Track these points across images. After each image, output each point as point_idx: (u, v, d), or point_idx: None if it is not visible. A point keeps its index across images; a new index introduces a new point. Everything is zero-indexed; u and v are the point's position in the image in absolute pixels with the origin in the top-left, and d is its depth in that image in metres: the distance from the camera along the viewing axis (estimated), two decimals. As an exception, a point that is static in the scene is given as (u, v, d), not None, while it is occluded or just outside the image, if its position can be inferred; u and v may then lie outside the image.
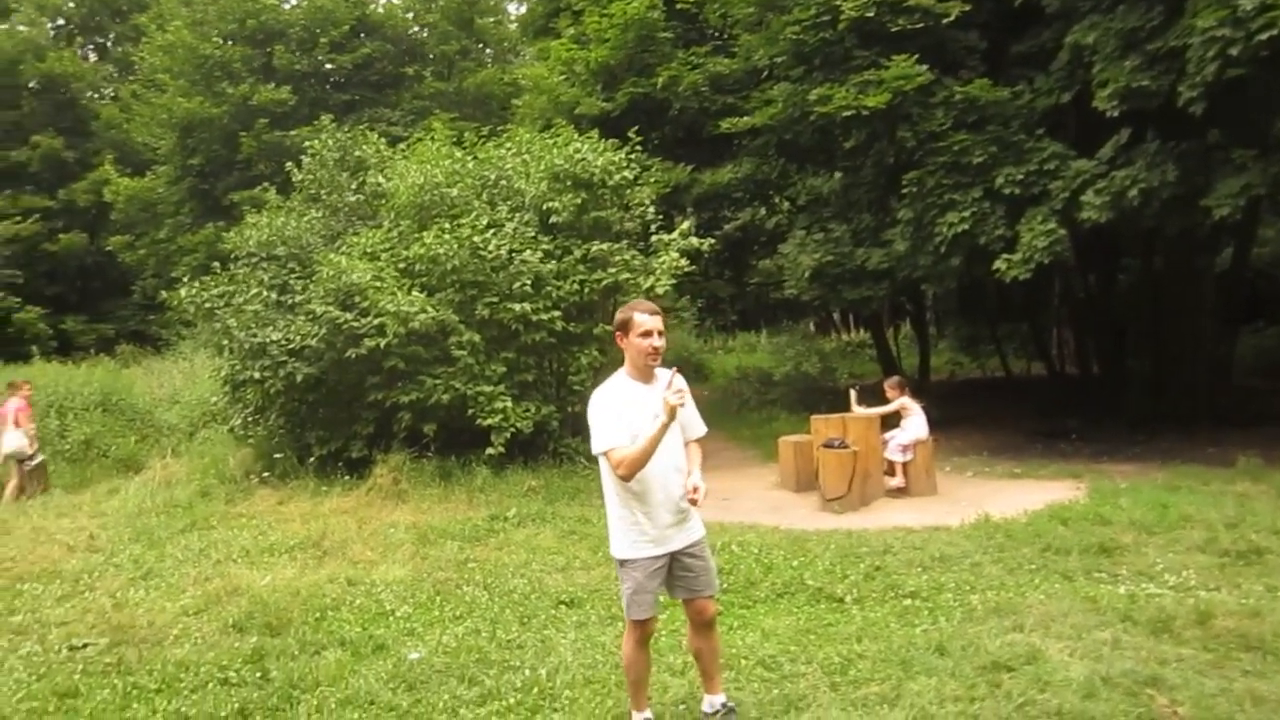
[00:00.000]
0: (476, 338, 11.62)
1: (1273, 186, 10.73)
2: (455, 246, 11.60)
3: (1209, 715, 4.64)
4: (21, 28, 35.53)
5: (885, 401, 11.51)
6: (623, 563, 4.67)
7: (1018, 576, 7.20)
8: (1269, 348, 19.79)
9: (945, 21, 12.53)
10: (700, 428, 4.84)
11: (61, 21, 39.59)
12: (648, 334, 4.51)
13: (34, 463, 13.71)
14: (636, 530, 4.61)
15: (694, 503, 4.57)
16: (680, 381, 4.44)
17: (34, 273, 31.61)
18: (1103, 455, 12.62)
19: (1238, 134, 10.99)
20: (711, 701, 4.91)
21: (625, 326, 4.59)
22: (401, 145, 15.09)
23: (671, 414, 4.33)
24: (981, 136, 12.36)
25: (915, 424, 11.18)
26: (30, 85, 34.32)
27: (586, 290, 12.21)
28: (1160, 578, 6.97)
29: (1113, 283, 17.31)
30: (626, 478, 4.43)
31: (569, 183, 12.45)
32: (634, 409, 4.49)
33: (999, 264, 12.10)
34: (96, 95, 38.14)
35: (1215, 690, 4.91)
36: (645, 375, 4.59)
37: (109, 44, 41.46)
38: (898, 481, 11.04)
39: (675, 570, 4.70)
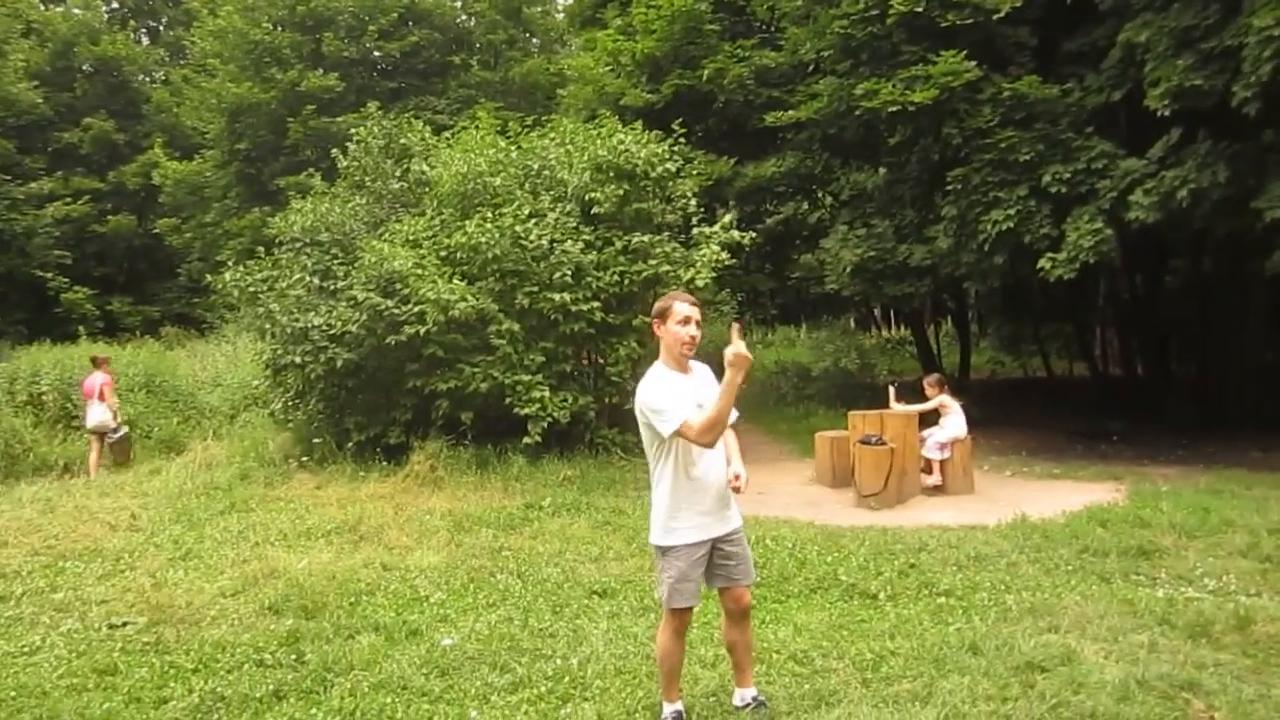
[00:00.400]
0: (516, 327, 11.66)
1: (1326, 189, 10.55)
2: (497, 235, 11.64)
3: (1245, 721, 4.57)
4: (76, 11, 35.95)
5: (924, 399, 11.45)
6: (665, 551, 4.65)
7: (1054, 577, 7.13)
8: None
9: (996, 17, 12.42)
10: (733, 413, 4.74)
11: (115, 5, 40.05)
12: (685, 321, 4.55)
13: (116, 435, 14.02)
14: (684, 516, 4.60)
15: (737, 490, 4.62)
16: (739, 345, 4.22)
17: (83, 254, 32.02)
18: (1144, 458, 12.48)
19: (1292, 136, 10.81)
20: (743, 695, 4.93)
21: (664, 314, 4.61)
22: (446, 134, 15.14)
23: (742, 364, 4.17)
24: (1029, 134, 12.24)
25: (954, 422, 11.11)
26: (83, 68, 34.75)
27: (626, 282, 12.22)
28: (1200, 582, 6.89)
29: (1159, 284, 17.08)
30: (711, 443, 4.42)
31: (612, 174, 12.46)
32: (678, 398, 4.50)
33: (1043, 263, 11.98)
34: (148, 79, 38.56)
35: (1253, 696, 4.85)
36: (681, 365, 4.62)
37: (161, 28, 41.94)
38: (935, 479, 10.98)
39: (714, 559, 4.71)
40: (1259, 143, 10.93)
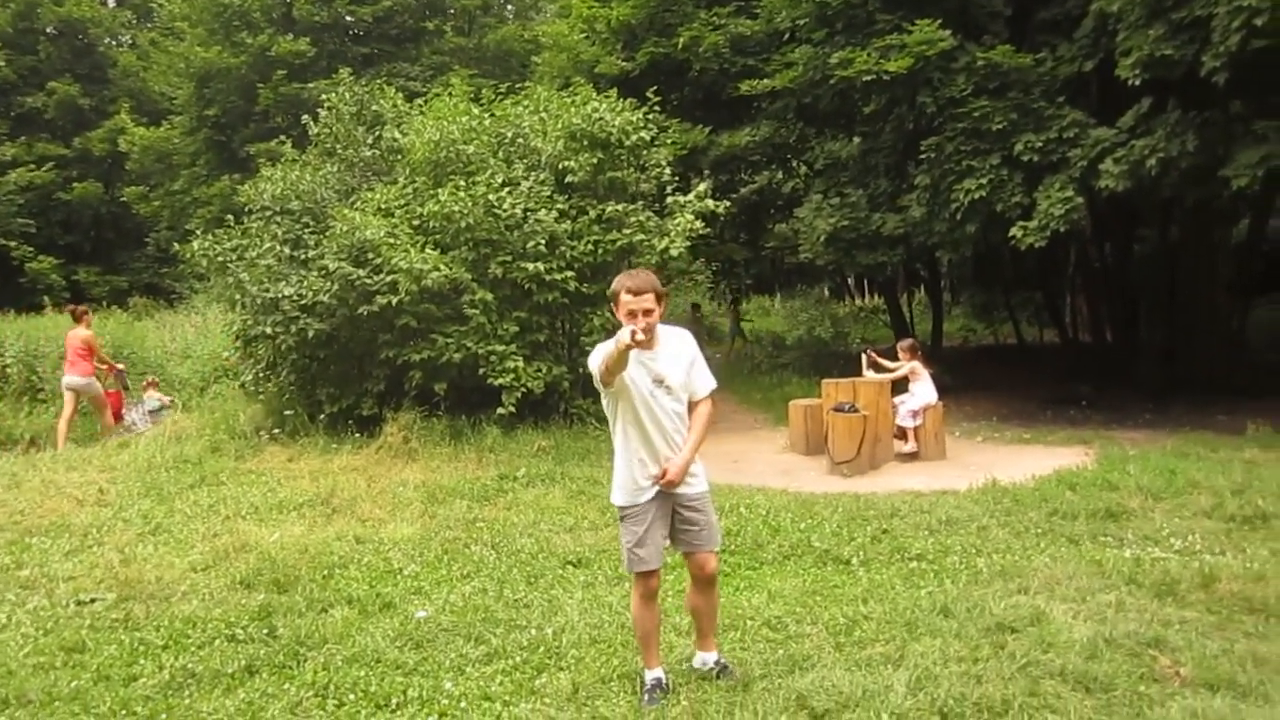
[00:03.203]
0: (489, 297, 11.61)
1: (1293, 157, 10.66)
2: (470, 204, 11.57)
3: (1211, 676, 4.67)
4: (40, -30, 35.36)
5: (896, 360, 11.57)
6: (623, 514, 4.76)
7: (1024, 540, 7.24)
8: (1284, 321, 19.70)
9: (970, -14, 12.43)
10: (705, 386, 4.82)
11: (80, -35, 39.39)
12: (632, 314, 4.50)
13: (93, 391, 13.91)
14: (640, 471, 4.67)
15: (659, 481, 4.65)
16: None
17: (48, 222, 31.66)
18: (1113, 423, 12.62)
19: (1260, 105, 10.88)
20: (704, 658, 4.99)
21: (615, 299, 4.62)
22: (419, 101, 15.02)
23: (630, 340, 4.22)
24: (1002, 103, 12.28)
25: (924, 389, 11.20)
26: (47, 30, 34.16)
27: (600, 251, 12.18)
28: (1166, 542, 7.01)
29: (1128, 252, 17.21)
30: (605, 381, 4.52)
31: (586, 142, 12.39)
32: (632, 368, 4.53)
33: (1015, 231, 12.06)
34: (114, 42, 37.98)
35: (1218, 651, 4.95)
36: (643, 343, 4.46)
37: (128, -10, 41.30)
38: (910, 446, 11.06)
39: (677, 523, 4.78)
40: (1227, 112, 11.03)
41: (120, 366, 14.81)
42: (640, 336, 4.29)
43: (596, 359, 4.53)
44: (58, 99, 32.98)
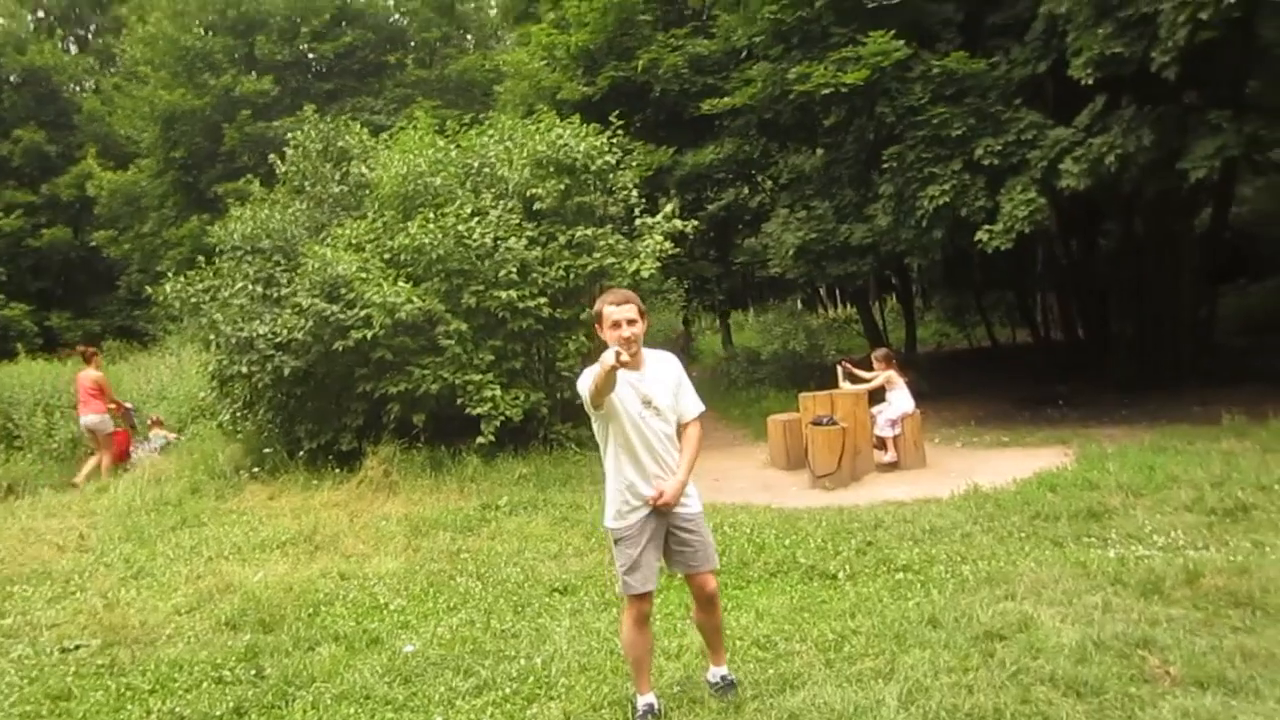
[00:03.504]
0: (464, 326, 11.61)
1: (1248, 146, 10.83)
2: (440, 235, 11.58)
3: (1201, 673, 4.70)
4: (1, 20, 35.19)
5: (870, 369, 11.63)
6: (616, 537, 4.78)
7: (1008, 545, 7.27)
8: (1251, 306, 19.87)
9: (922, -5, 12.57)
10: (694, 408, 4.88)
11: (41, 14, 39.23)
12: (616, 325, 4.57)
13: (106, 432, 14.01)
14: (629, 493, 4.70)
15: (656, 504, 4.67)
16: None
17: (18, 268, 31.53)
18: (1090, 419, 12.72)
19: (1212, 96, 11.06)
20: (714, 672, 5.03)
21: (599, 319, 4.67)
22: (385, 134, 15.04)
23: (615, 360, 4.28)
24: (960, 109, 12.40)
25: (900, 398, 11.26)
26: (10, 79, 34.06)
27: (572, 276, 12.21)
28: (1149, 539, 7.05)
29: (1094, 248, 17.39)
30: (595, 403, 4.55)
31: (552, 169, 12.44)
32: (620, 390, 4.56)
33: (981, 235, 12.18)
34: (78, 88, 37.87)
35: (1206, 648, 4.98)
36: (630, 363, 4.54)
37: (90, 35, 41.21)
38: (890, 456, 11.11)
39: (672, 545, 4.80)
40: (1180, 105, 11.19)
41: (128, 405, 14.85)
42: (625, 357, 4.33)
43: (585, 382, 4.55)
44: (24, 146, 32.88)
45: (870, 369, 11.77)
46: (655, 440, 4.69)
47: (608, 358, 4.26)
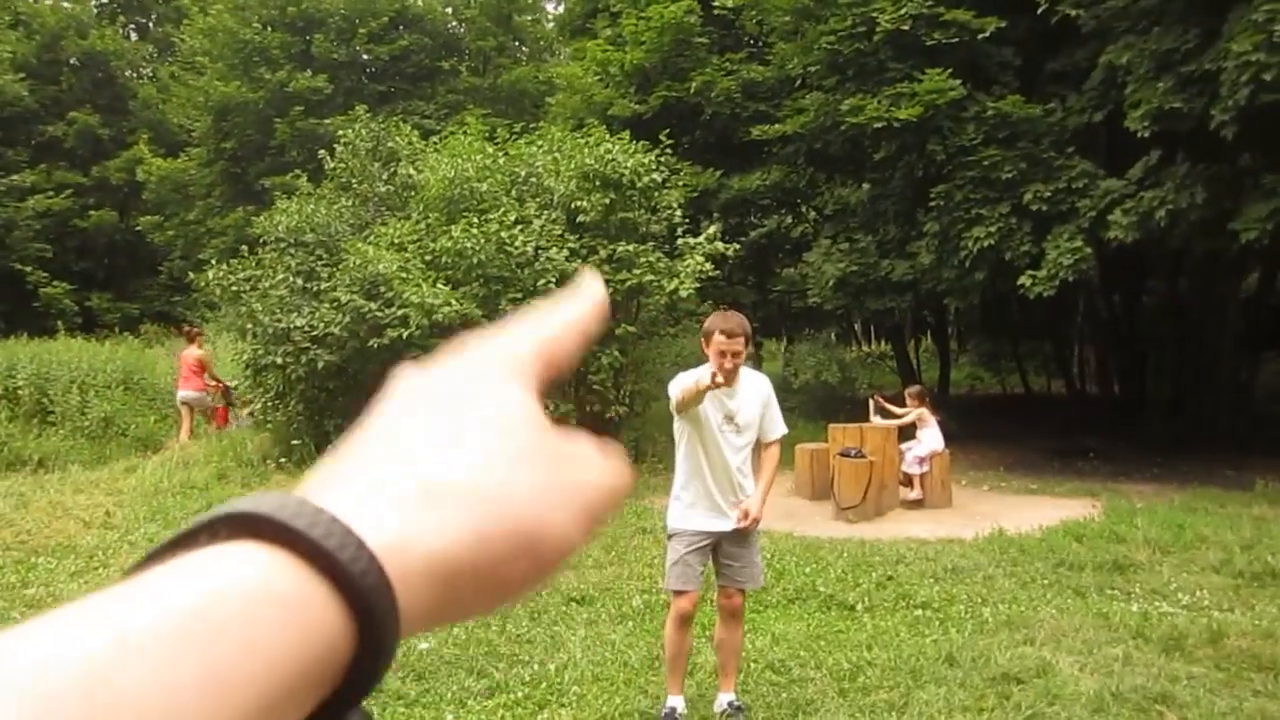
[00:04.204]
0: (499, 332, 11.64)
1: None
2: (482, 241, 11.65)
3: (1218, 734, 4.65)
4: (66, 4, 35.72)
5: (903, 406, 11.57)
6: (670, 534, 4.97)
7: (1030, 591, 7.21)
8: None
9: (981, 37, 12.56)
10: (776, 429, 5.02)
11: (105, 0, 39.83)
12: (721, 354, 4.66)
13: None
14: (687, 503, 4.87)
15: (743, 524, 4.80)
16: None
17: (63, 248, 31.78)
18: (1120, 475, 12.58)
19: (1269, 159, 10.95)
20: (721, 699, 5.02)
21: (706, 337, 4.78)
22: (434, 138, 15.16)
23: (710, 382, 4.48)
24: (1012, 152, 12.36)
25: (930, 436, 11.18)
26: (70, 61, 34.49)
27: (610, 290, 12.06)
28: (1174, 596, 6.98)
29: (1137, 303, 17.25)
30: (678, 409, 4.75)
31: (598, 182, 12.49)
32: (706, 400, 4.74)
33: (1023, 280, 12.10)
34: (135, 74, 38.32)
35: (1226, 709, 4.92)
36: (723, 385, 4.67)
37: (150, 24, 41.68)
38: (915, 494, 11.03)
39: (720, 557, 4.93)
40: (1236, 165, 11.09)
41: (228, 383, 15.17)
42: (720, 380, 4.49)
43: (675, 389, 4.73)
44: (78, 128, 33.25)
45: (903, 405, 11.71)
46: (729, 453, 4.83)
47: (704, 377, 4.50)
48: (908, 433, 11.42)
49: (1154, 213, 11.11)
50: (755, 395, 4.92)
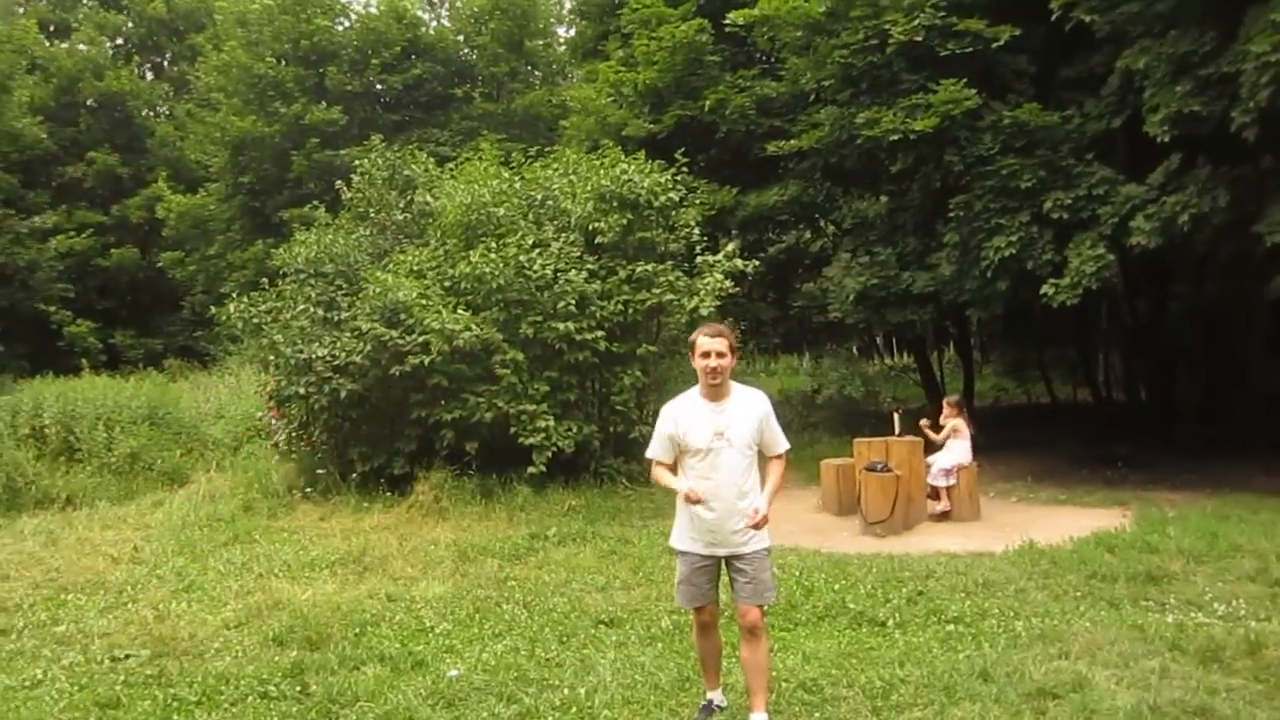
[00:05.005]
0: (520, 356, 11.66)
1: (1327, 213, 10.57)
2: (501, 265, 11.67)
3: (1260, 747, 4.56)
4: (81, 47, 36.16)
5: (937, 420, 11.48)
6: (676, 552, 5.16)
7: (1063, 603, 7.11)
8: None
9: (995, 46, 12.50)
10: (778, 445, 5.14)
11: (120, 41, 40.22)
12: (705, 355, 4.86)
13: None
14: (687, 526, 5.01)
15: (755, 526, 4.87)
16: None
17: (86, 287, 32.07)
18: (1150, 483, 12.42)
19: (1292, 160, 10.84)
20: (752, 717, 4.97)
21: (692, 347, 4.96)
22: (450, 165, 15.22)
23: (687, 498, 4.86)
24: (1030, 160, 12.27)
25: (960, 448, 11.09)
26: (88, 103, 34.89)
27: (630, 311, 12.24)
28: (1209, 607, 6.86)
29: (1162, 309, 17.07)
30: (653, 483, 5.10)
31: (615, 203, 12.49)
32: (691, 421, 4.96)
33: (1046, 289, 11.99)
34: (152, 113, 38.71)
35: (1266, 721, 4.83)
36: (711, 394, 4.95)
37: (165, 62, 42.09)
38: (943, 506, 10.94)
39: (730, 573, 5.04)
40: (1258, 167, 10.96)
41: None
42: (696, 497, 4.80)
43: (655, 463, 5.09)
44: (97, 168, 33.60)
45: (934, 419, 11.62)
46: (724, 470, 4.88)
47: (685, 490, 4.86)
48: (932, 445, 11.34)
49: (1177, 217, 10.99)
50: (750, 411, 5.00)
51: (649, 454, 5.10)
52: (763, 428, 5.02)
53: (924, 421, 11.61)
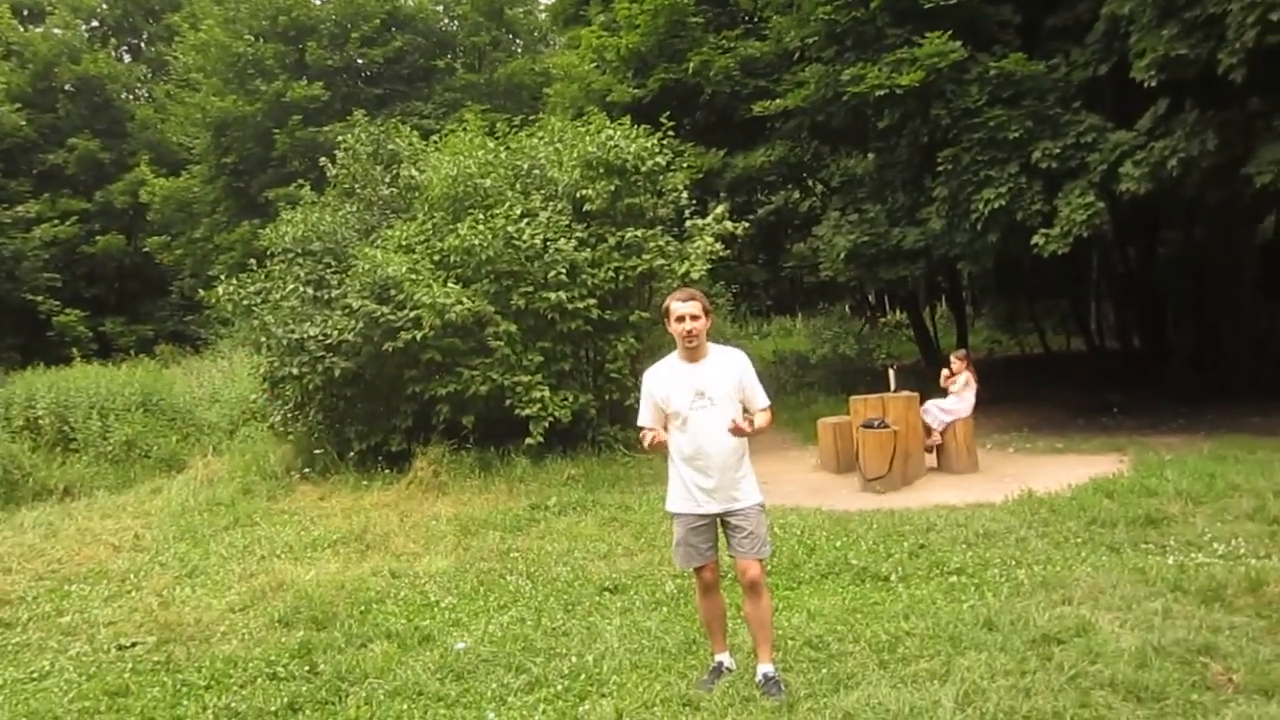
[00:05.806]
0: (513, 328, 11.63)
1: (1317, 153, 10.54)
2: (490, 237, 11.61)
3: (1264, 681, 4.61)
4: (56, 30, 35.76)
5: (938, 375, 11.54)
6: (670, 514, 5.24)
7: (1064, 550, 7.15)
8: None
9: (979, -4, 12.41)
10: (759, 399, 5.17)
11: (95, 23, 39.76)
12: (680, 319, 4.94)
13: None
14: (681, 488, 5.11)
15: (734, 432, 4.90)
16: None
17: (73, 275, 31.92)
18: (1146, 429, 12.47)
19: (1279, 101, 10.79)
20: (759, 670, 5.07)
21: (665, 314, 5.04)
22: (434, 137, 15.12)
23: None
24: (1017, 111, 12.20)
25: (969, 398, 11.10)
26: (66, 88, 34.56)
27: (621, 277, 12.20)
28: (1209, 547, 6.91)
29: (1152, 256, 17.07)
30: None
31: (602, 170, 12.43)
32: (672, 385, 5.06)
33: (1037, 239, 11.97)
34: (131, 96, 38.38)
35: (1270, 656, 4.89)
36: (689, 355, 5.04)
37: (142, 44, 41.65)
38: (935, 439, 10.97)
39: (727, 530, 5.10)
40: (1246, 109, 10.91)
41: None
42: (649, 441, 4.98)
43: (644, 428, 5.12)
44: (78, 154, 33.32)
45: (938, 370, 11.67)
46: (708, 429, 4.95)
47: (646, 438, 5.01)
48: (935, 392, 11.40)
49: (1166, 162, 10.95)
50: (729, 369, 5.07)
51: (640, 422, 5.15)
52: (743, 384, 5.08)
53: (946, 373, 11.61)
